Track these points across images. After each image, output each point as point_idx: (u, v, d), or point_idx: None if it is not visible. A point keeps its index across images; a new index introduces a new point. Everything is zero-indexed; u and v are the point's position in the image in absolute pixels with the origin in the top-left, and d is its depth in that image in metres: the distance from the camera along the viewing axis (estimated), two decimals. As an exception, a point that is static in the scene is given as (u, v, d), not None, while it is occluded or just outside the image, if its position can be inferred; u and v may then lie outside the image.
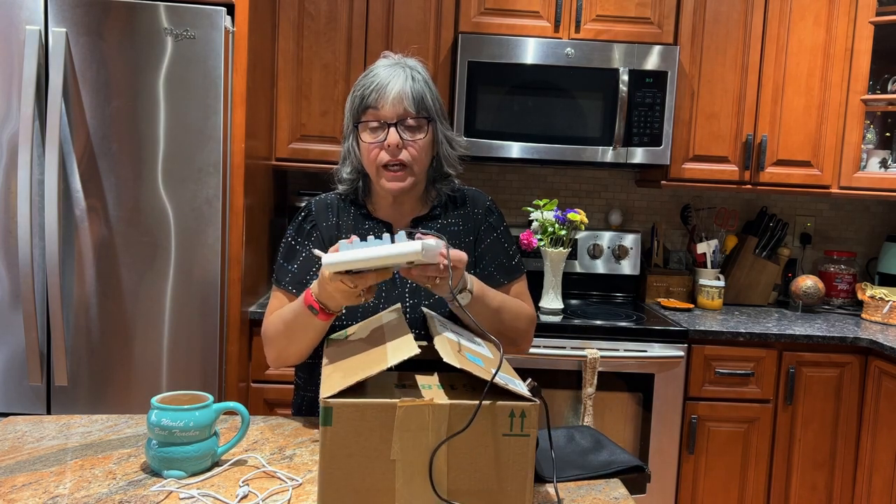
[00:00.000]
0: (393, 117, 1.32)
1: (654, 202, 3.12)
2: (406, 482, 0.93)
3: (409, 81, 1.33)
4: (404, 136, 1.33)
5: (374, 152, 1.34)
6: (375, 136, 1.34)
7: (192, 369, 2.21)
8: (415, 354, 0.95)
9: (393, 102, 1.32)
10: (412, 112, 1.33)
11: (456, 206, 1.48)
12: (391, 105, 1.32)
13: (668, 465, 2.45)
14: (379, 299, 1.38)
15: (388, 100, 1.31)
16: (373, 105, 1.33)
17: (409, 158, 1.34)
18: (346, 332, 1.26)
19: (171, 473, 1.12)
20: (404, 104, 1.32)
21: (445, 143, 1.42)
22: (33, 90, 2.05)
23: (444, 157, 1.42)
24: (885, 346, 2.35)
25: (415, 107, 1.33)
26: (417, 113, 1.34)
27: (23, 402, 2.17)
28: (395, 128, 1.32)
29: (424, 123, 1.35)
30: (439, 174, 1.44)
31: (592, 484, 1.18)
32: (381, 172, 1.36)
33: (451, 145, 1.43)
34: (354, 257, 1.07)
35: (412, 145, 1.34)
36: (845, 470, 2.51)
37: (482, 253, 1.47)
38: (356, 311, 1.37)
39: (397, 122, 1.32)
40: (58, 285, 2.10)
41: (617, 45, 2.58)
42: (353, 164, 1.42)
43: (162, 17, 2.10)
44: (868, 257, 3.16)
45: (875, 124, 2.97)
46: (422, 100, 1.34)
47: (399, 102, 1.32)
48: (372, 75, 1.35)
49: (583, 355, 2.36)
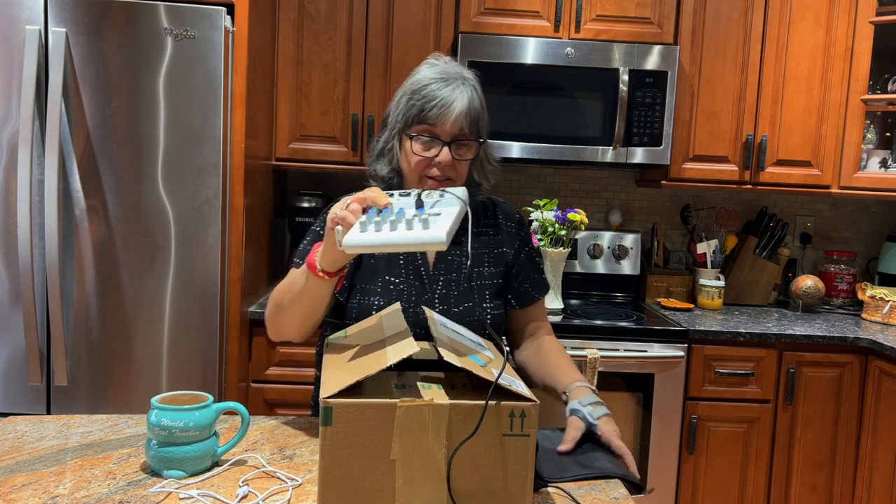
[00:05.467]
0: (449, 136, 1.34)
1: (654, 202, 3.12)
2: (406, 482, 0.93)
3: (470, 104, 1.34)
4: (455, 154, 1.35)
5: (420, 163, 1.36)
6: (426, 149, 1.35)
7: (192, 369, 2.21)
8: (414, 353, 0.95)
9: (454, 122, 1.32)
10: (467, 133, 1.35)
11: (486, 214, 1.50)
12: (451, 124, 1.33)
13: (668, 465, 2.45)
14: (409, 302, 1.38)
15: (450, 119, 1.32)
16: (431, 121, 1.33)
17: (455, 174, 1.37)
18: (346, 331, 1.26)
19: (171, 473, 1.12)
20: (462, 124, 1.33)
21: (486, 160, 1.45)
22: (33, 90, 2.05)
23: (479, 170, 1.45)
24: (885, 346, 2.35)
25: (470, 127, 1.35)
26: (471, 134, 1.36)
27: (23, 402, 2.17)
28: (449, 147, 1.34)
29: (475, 145, 1.38)
30: (470, 182, 1.45)
31: (592, 484, 1.18)
32: (424, 181, 1.37)
33: (488, 161, 1.47)
34: (375, 242, 1.04)
35: (460, 162, 1.37)
36: (845, 470, 2.51)
37: (518, 269, 1.49)
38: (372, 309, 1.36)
39: (452, 141, 1.34)
40: (58, 285, 2.10)
41: (617, 45, 2.58)
42: (392, 163, 1.43)
43: (162, 17, 2.10)
44: (868, 257, 3.16)
45: (875, 124, 2.97)
46: (477, 122, 1.36)
47: (458, 122, 1.33)
48: (434, 88, 1.34)
49: (583, 355, 2.36)
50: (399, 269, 1.40)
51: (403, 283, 1.39)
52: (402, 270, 1.40)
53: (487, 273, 1.45)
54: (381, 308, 1.35)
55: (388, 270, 1.40)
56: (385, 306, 1.35)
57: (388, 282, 1.39)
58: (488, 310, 1.42)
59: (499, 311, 1.44)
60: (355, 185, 3.19)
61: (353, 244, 1.05)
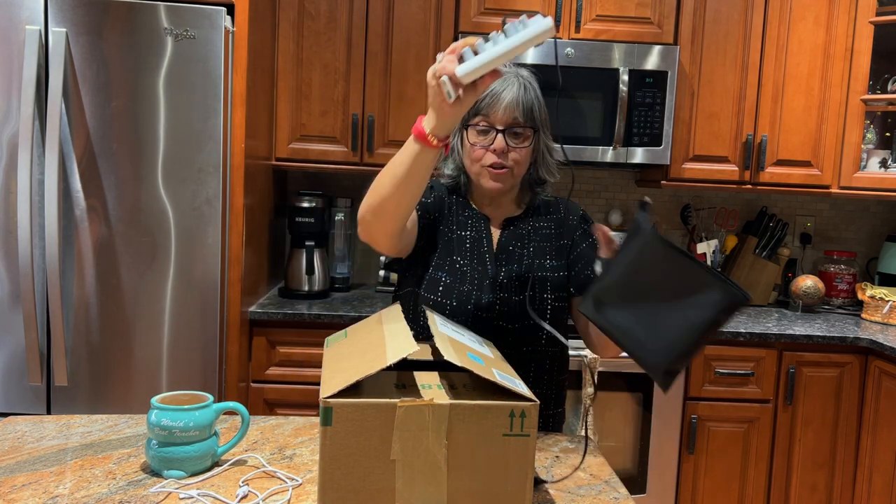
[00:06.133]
0: (502, 124, 1.38)
1: (654, 202, 3.12)
2: (406, 482, 0.93)
3: (522, 91, 1.39)
4: (510, 142, 1.39)
5: (478, 153, 1.40)
6: (482, 139, 1.39)
7: (192, 369, 2.21)
8: (415, 353, 0.95)
9: (505, 110, 1.37)
10: (521, 121, 1.38)
11: (549, 211, 1.54)
12: (503, 112, 1.37)
13: (668, 465, 2.45)
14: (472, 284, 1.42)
15: (501, 107, 1.37)
16: (484, 111, 1.38)
17: (512, 162, 1.40)
18: (346, 332, 1.26)
19: (171, 473, 1.12)
20: (515, 113, 1.37)
21: (545, 152, 1.48)
22: (33, 90, 2.05)
23: (542, 164, 1.48)
24: (885, 346, 2.35)
25: (524, 116, 1.39)
26: (525, 122, 1.39)
27: (23, 402, 2.17)
28: (503, 134, 1.38)
29: (530, 132, 1.41)
30: (535, 179, 1.49)
31: (592, 484, 1.17)
32: (484, 172, 1.41)
33: (549, 154, 1.49)
34: (487, 58, 1.06)
35: (516, 150, 1.40)
36: (845, 470, 2.51)
37: (577, 257, 1.51)
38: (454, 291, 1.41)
39: (505, 128, 1.38)
40: (58, 285, 2.10)
41: (617, 45, 2.58)
42: (456, 161, 1.48)
43: (162, 17, 2.10)
44: (868, 257, 3.16)
45: (875, 124, 2.97)
46: (531, 110, 1.40)
47: (510, 111, 1.37)
48: None
49: (583, 355, 2.36)
50: (465, 252, 1.46)
51: (468, 265, 1.44)
52: (468, 254, 1.46)
53: (549, 265, 1.47)
54: (447, 285, 1.41)
55: (459, 251, 1.46)
56: (451, 284, 1.42)
57: (455, 261, 1.44)
58: (548, 301, 1.44)
59: (561, 304, 1.46)
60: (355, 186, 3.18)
61: (468, 70, 1.07)
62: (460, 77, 1.08)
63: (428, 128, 1.17)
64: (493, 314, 1.40)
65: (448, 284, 1.42)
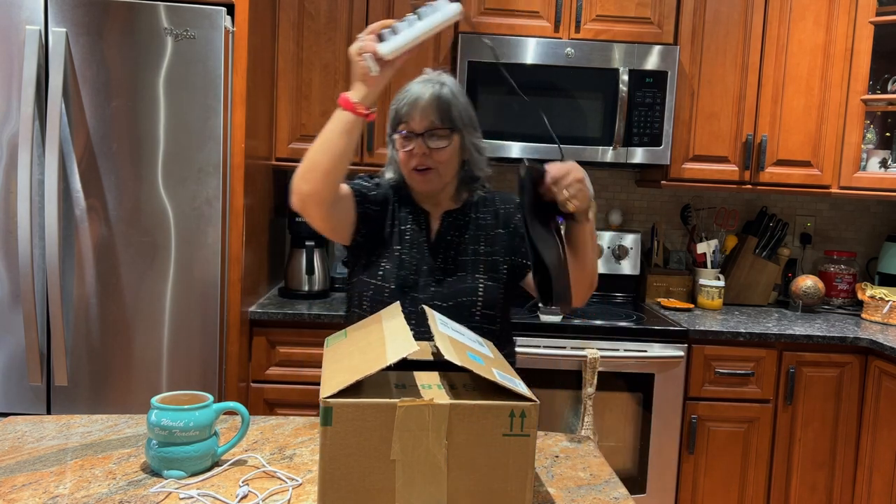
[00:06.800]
0: (421, 128, 1.47)
1: (654, 202, 3.12)
2: (406, 482, 0.93)
3: (438, 96, 1.48)
4: (431, 145, 1.48)
5: (404, 157, 1.51)
6: (405, 144, 1.50)
7: (192, 369, 2.21)
8: (415, 352, 0.95)
9: (422, 115, 1.47)
10: (438, 124, 1.48)
11: (486, 204, 1.63)
12: (420, 117, 1.47)
13: (668, 465, 2.45)
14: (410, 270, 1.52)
15: (418, 113, 1.47)
16: (405, 119, 1.49)
17: (437, 163, 1.49)
18: (346, 331, 1.26)
19: (171, 473, 1.12)
20: (431, 117, 1.47)
21: (473, 150, 1.56)
22: (33, 90, 2.05)
23: (471, 161, 1.57)
24: (885, 346, 2.35)
25: (441, 119, 1.48)
26: (443, 124, 1.48)
27: (23, 402, 2.17)
28: (422, 138, 1.47)
29: (450, 134, 1.50)
30: (469, 176, 1.58)
31: (592, 484, 1.18)
32: (412, 175, 1.52)
33: (478, 151, 1.57)
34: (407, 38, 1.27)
35: (438, 153, 1.49)
36: (845, 470, 2.51)
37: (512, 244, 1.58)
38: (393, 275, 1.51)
39: (424, 132, 1.47)
40: (58, 285, 2.10)
41: (617, 45, 2.58)
42: (395, 169, 1.59)
43: (162, 17, 2.10)
44: (868, 257, 3.16)
45: (875, 124, 2.97)
46: (448, 112, 1.49)
47: (427, 115, 1.47)
48: (406, 91, 1.51)
49: (583, 355, 2.36)
50: (406, 242, 1.55)
51: (407, 253, 1.54)
52: (408, 244, 1.55)
53: (483, 251, 1.56)
54: (387, 270, 1.51)
55: (400, 241, 1.55)
56: (390, 270, 1.51)
57: (395, 250, 1.54)
58: (480, 280, 1.53)
59: (492, 284, 1.54)
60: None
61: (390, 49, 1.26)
62: (382, 55, 1.27)
63: (356, 98, 1.34)
64: (428, 294, 1.50)
65: (388, 270, 1.52)
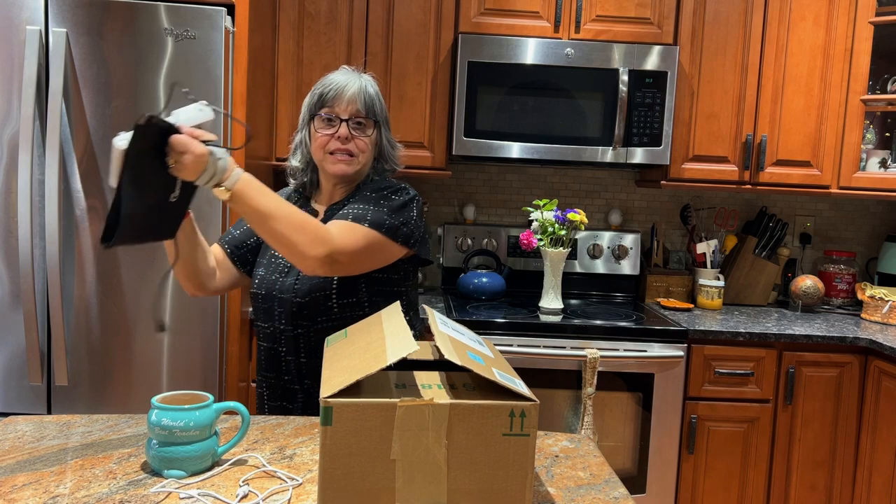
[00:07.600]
0: (346, 114, 1.53)
1: (653, 202, 3.13)
2: (406, 482, 0.93)
3: (363, 88, 1.55)
4: (353, 132, 1.54)
5: (322, 139, 1.54)
6: (328, 128, 1.54)
7: (192, 369, 2.21)
8: (415, 352, 0.95)
9: (348, 102, 1.53)
10: (363, 113, 1.54)
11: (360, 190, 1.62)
12: (346, 104, 1.53)
13: (668, 465, 2.45)
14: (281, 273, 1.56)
15: (344, 99, 1.53)
16: (329, 103, 1.54)
17: (356, 149, 1.55)
18: (346, 331, 1.26)
19: (172, 473, 1.12)
20: (357, 105, 1.53)
21: (387, 145, 1.63)
22: (33, 90, 2.05)
23: (384, 156, 1.63)
24: (884, 346, 2.35)
25: (365, 109, 1.54)
26: (367, 115, 1.55)
27: (23, 402, 2.17)
28: (347, 123, 1.53)
29: (371, 124, 1.57)
30: (378, 170, 1.64)
31: (592, 483, 1.18)
32: (328, 158, 1.55)
33: (391, 147, 1.64)
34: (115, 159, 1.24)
35: (359, 139, 1.55)
36: (845, 470, 2.52)
37: None
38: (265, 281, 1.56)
39: (349, 118, 1.53)
40: (58, 285, 2.10)
41: (617, 46, 2.58)
42: (304, 154, 1.62)
43: (162, 17, 2.10)
44: (868, 257, 3.16)
45: (875, 124, 2.98)
46: (372, 106, 1.56)
47: (353, 103, 1.53)
48: (330, 79, 1.57)
49: (582, 355, 2.36)
50: None
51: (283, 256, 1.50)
52: None
53: None
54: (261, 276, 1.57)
55: None
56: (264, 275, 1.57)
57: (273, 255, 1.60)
58: None
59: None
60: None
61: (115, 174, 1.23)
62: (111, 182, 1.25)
63: None
64: (291, 294, 1.51)
65: (262, 276, 1.57)
